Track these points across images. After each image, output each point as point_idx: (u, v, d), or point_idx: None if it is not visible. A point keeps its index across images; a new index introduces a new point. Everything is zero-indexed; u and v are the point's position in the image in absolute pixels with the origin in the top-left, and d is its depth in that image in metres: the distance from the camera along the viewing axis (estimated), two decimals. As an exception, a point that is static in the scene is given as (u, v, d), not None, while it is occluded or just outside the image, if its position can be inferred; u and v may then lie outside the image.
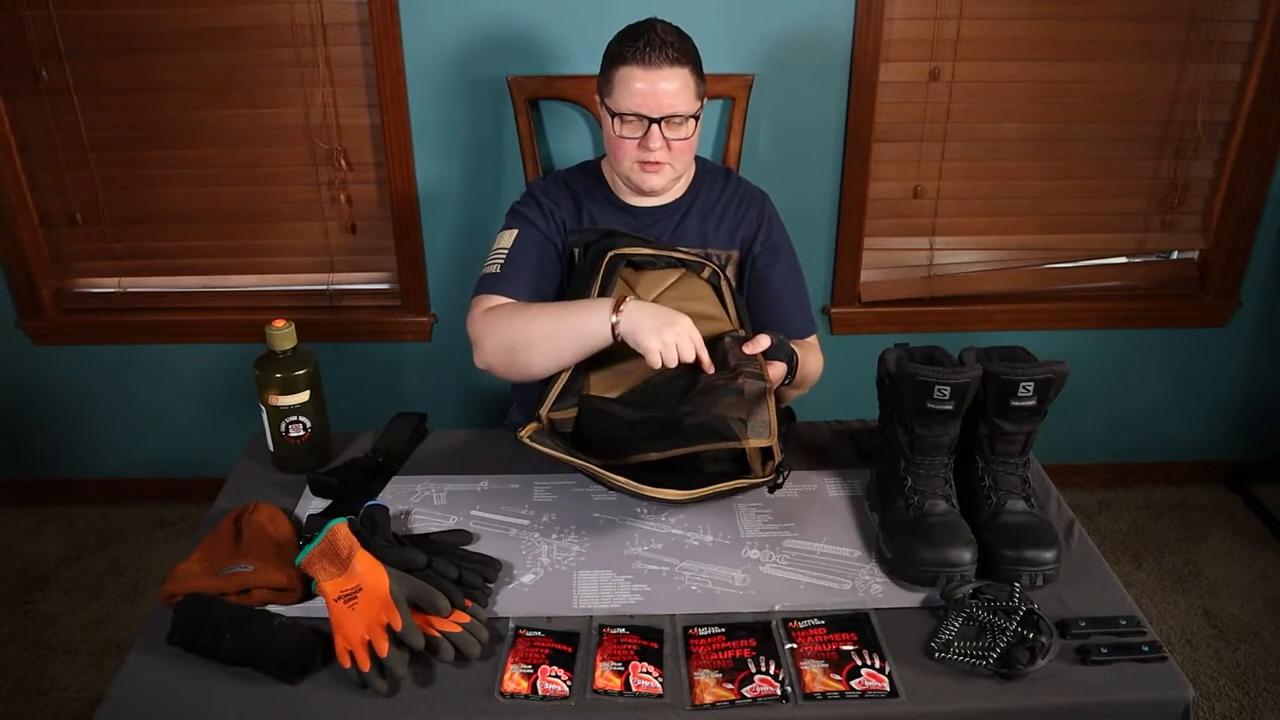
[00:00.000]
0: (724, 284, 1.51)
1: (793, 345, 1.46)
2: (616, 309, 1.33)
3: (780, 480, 1.33)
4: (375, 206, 2.24)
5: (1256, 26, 2.12)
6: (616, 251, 1.46)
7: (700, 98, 1.51)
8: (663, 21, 1.50)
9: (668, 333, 1.29)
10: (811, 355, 1.60)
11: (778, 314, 1.61)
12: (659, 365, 1.30)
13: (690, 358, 1.31)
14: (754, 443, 1.24)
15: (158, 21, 2.06)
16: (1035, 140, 2.22)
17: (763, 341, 1.36)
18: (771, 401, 1.29)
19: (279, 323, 1.37)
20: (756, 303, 1.62)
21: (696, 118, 1.50)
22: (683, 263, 1.49)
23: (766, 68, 2.08)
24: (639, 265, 1.48)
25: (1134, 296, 2.38)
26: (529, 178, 2.07)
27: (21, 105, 2.15)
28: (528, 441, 1.29)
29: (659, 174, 1.53)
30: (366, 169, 2.20)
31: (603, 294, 1.42)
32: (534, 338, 1.40)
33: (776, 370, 1.40)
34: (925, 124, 2.18)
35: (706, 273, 1.50)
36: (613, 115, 1.50)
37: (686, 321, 1.32)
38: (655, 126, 1.47)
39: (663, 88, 1.45)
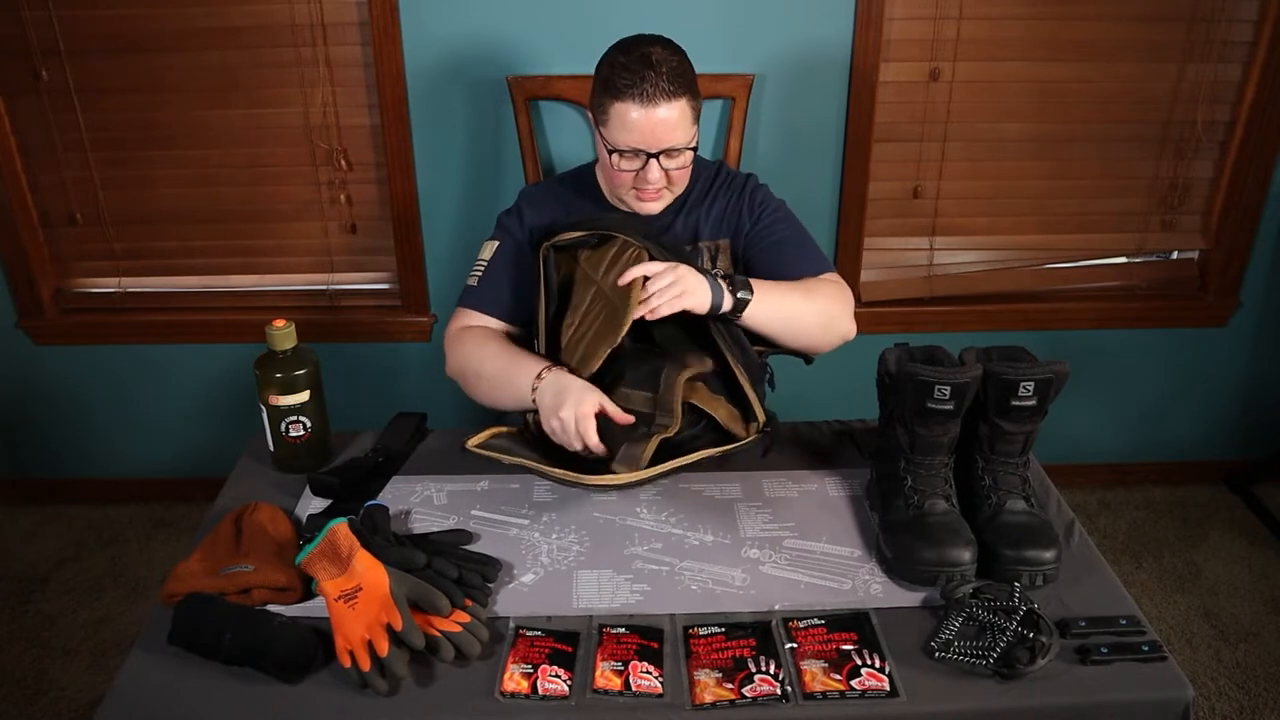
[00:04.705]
0: (706, 259, 1.53)
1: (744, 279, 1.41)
2: (540, 375, 1.37)
3: (769, 442, 1.35)
4: (375, 206, 2.24)
5: (1256, 26, 2.12)
6: (547, 244, 1.45)
7: (697, 119, 1.47)
8: (660, 46, 1.42)
9: (557, 417, 1.31)
10: (822, 289, 1.50)
11: (789, 269, 1.54)
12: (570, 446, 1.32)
13: (576, 446, 1.31)
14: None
15: (158, 21, 2.06)
16: (1035, 140, 2.22)
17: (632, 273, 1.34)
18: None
19: (279, 323, 1.37)
20: (767, 266, 1.55)
21: (694, 147, 1.47)
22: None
23: (766, 68, 2.08)
24: (595, 247, 1.45)
25: (1134, 296, 2.38)
26: (529, 178, 2.07)
27: (21, 105, 2.15)
28: (475, 449, 1.36)
29: (658, 201, 1.52)
30: (366, 169, 2.20)
31: (545, 290, 1.43)
32: (481, 378, 1.48)
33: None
34: (925, 124, 2.18)
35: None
36: (610, 150, 1.45)
37: (576, 405, 1.30)
38: (654, 160, 1.43)
39: (661, 122, 1.40)
